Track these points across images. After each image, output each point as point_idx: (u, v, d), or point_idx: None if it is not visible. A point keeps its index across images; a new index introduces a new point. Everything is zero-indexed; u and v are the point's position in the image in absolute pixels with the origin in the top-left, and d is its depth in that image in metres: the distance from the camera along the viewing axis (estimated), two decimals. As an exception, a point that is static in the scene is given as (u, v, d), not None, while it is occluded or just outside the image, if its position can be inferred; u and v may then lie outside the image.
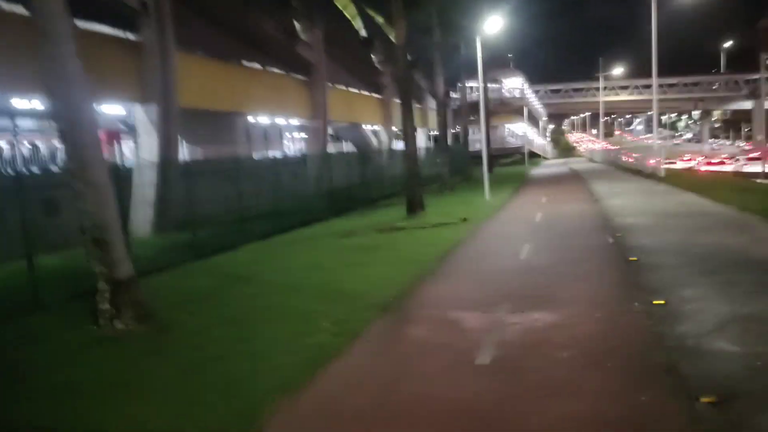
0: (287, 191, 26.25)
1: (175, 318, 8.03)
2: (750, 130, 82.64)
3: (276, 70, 32.16)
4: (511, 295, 7.92)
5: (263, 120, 36.60)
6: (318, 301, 8.31)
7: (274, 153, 37.34)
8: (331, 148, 42.04)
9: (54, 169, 19.90)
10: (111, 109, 25.24)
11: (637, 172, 30.64)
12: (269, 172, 27.35)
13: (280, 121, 39.61)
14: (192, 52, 26.03)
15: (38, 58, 7.37)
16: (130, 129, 24.53)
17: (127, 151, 23.94)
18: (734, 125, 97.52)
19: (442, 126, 27.07)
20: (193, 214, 18.14)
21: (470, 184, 33.47)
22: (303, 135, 39.04)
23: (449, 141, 50.60)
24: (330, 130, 44.43)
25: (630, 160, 35.17)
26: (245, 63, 29.71)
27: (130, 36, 21.04)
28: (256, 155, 34.81)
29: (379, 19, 48.04)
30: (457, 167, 39.06)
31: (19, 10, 15.25)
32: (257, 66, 30.57)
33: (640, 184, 24.19)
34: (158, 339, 7.14)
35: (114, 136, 26.86)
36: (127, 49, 20.89)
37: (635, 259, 9.56)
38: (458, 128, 68.03)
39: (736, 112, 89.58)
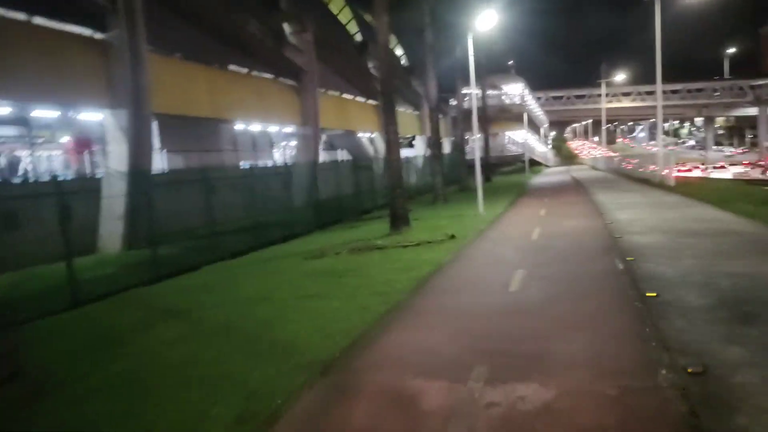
0: (273, 202, 24.36)
1: (59, 375, 6.08)
2: (754, 136, 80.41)
3: (264, 75, 30.31)
4: (491, 352, 5.87)
5: (253, 127, 34.77)
6: (242, 355, 6.29)
7: (263, 162, 35.45)
8: (324, 156, 40.19)
9: None
10: (88, 116, 23.54)
11: (644, 181, 28.39)
12: (253, 182, 25.46)
13: (273, 128, 37.85)
14: (170, 54, 24.24)
15: None
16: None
17: (101, 160, 21.84)
18: (738, 132, 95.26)
19: (435, 133, 25.07)
20: (165, 228, 16.51)
21: (466, 194, 31.44)
22: (295, 143, 37.19)
23: (445, 149, 48.83)
24: (324, 138, 42.64)
25: (636, 168, 32.97)
26: (231, 67, 27.87)
27: (99, 35, 19.24)
28: (244, 164, 32.98)
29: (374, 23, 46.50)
30: (452, 176, 37.08)
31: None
32: (243, 70, 28.72)
33: (648, 195, 22.00)
34: (20, 408, 5.17)
35: (84, 144, 25.00)
36: (95, 49, 19.07)
37: (654, 294, 7.48)
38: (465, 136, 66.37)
39: (739, 118, 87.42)
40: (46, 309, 9.46)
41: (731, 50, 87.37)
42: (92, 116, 22.50)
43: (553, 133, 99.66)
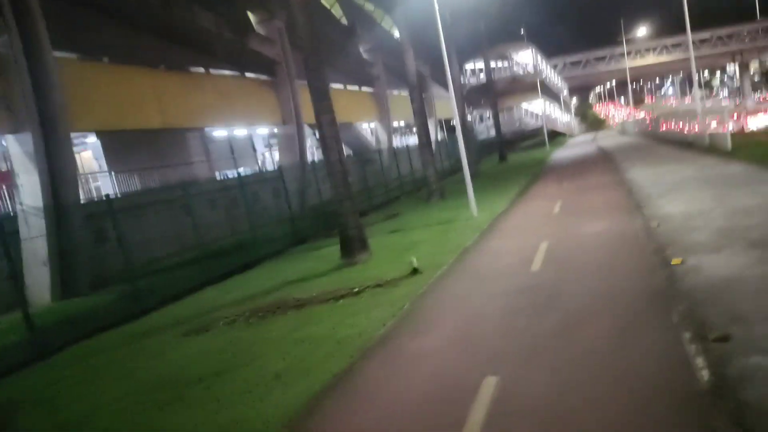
0: (238, 220, 19.90)
1: None
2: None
3: (226, 73, 25.68)
4: None
5: (232, 132, 30.23)
6: None
7: (245, 170, 30.94)
8: (319, 155, 35.42)
9: None
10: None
11: (688, 145, 22.04)
12: (213, 197, 21.00)
13: (260, 131, 33.27)
14: (97, 59, 19.81)
15: None
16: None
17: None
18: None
19: (420, 116, 19.81)
20: (114, 266, 13.36)
21: (476, 180, 26.18)
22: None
23: (437, 135, 42.84)
24: (315, 135, 37.86)
25: (674, 128, 26.55)
26: (188, 69, 23.34)
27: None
28: (221, 175, 28.54)
29: (367, 5, 41.11)
30: (452, 165, 31.72)
31: None
32: (199, 70, 24.13)
33: (699, 165, 15.66)
34: None
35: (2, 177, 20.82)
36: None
37: None
38: (474, 114, 60.20)
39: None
40: None
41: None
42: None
43: (575, 100, 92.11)
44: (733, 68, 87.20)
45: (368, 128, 40.55)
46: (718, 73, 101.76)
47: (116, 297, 12.85)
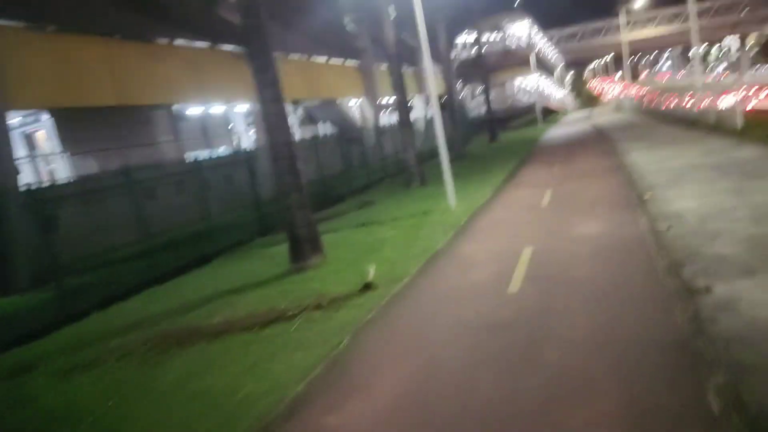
0: (198, 206, 17.99)
1: None
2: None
3: (194, 45, 23.41)
4: None
5: (207, 110, 28.01)
6: None
7: (223, 149, 28.85)
8: (302, 132, 33.24)
9: None
10: None
11: (692, 123, 19.58)
12: (189, 179, 19.02)
13: (242, 108, 30.99)
14: (40, 28, 17.58)
15: None
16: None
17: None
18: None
19: (399, 91, 17.68)
20: (69, 257, 11.28)
21: (460, 166, 24.22)
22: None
23: (426, 113, 40.46)
24: (299, 112, 35.64)
25: (676, 105, 24.24)
26: (151, 40, 21.09)
27: None
28: (192, 156, 26.43)
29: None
30: (435, 147, 29.66)
31: None
32: (163, 41, 21.87)
33: (708, 148, 13.53)
34: None
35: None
36: None
37: None
38: (466, 90, 57.69)
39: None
40: None
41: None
42: None
43: (571, 74, 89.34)
44: (729, 42, 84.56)
45: (356, 105, 38.32)
46: (717, 46, 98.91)
47: (50, 296, 11.08)
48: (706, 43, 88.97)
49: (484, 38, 50.63)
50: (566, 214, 9.59)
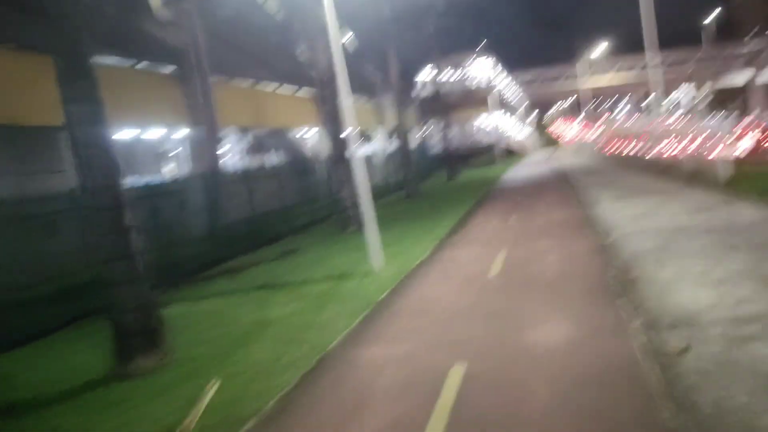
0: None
1: None
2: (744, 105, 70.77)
3: (113, 62, 20.33)
4: None
5: (133, 135, 24.62)
6: None
7: (148, 178, 25.34)
8: (249, 161, 30.12)
9: None
10: None
11: (663, 170, 17.11)
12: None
13: (179, 134, 27.65)
14: None
15: None
16: None
17: None
18: (723, 103, 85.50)
19: (332, 123, 14.77)
20: None
21: (410, 205, 21.42)
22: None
23: (349, 151, 37.33)
24: (249, 139, 32.57)
25: (642, 150, 21.86)
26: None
27: None
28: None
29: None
30: (400, 181, 26.91)
31: None
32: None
33: (692, 205, 10.92)
34: None
35: None
36: None
37: None
38: (432, 126, 55.68)
39: (722, 91, 77.95)
40: None
41: (712, 16, 77.46)
42: None
43: (535, 113, 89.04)
44: (683, 91, 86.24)
45: (312, 135, 35.52)
46: (673, 94, 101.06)
47: None
48: (661, 91, 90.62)
49: (447, 76, 48.97)
50: (519, 298, 6.72)
